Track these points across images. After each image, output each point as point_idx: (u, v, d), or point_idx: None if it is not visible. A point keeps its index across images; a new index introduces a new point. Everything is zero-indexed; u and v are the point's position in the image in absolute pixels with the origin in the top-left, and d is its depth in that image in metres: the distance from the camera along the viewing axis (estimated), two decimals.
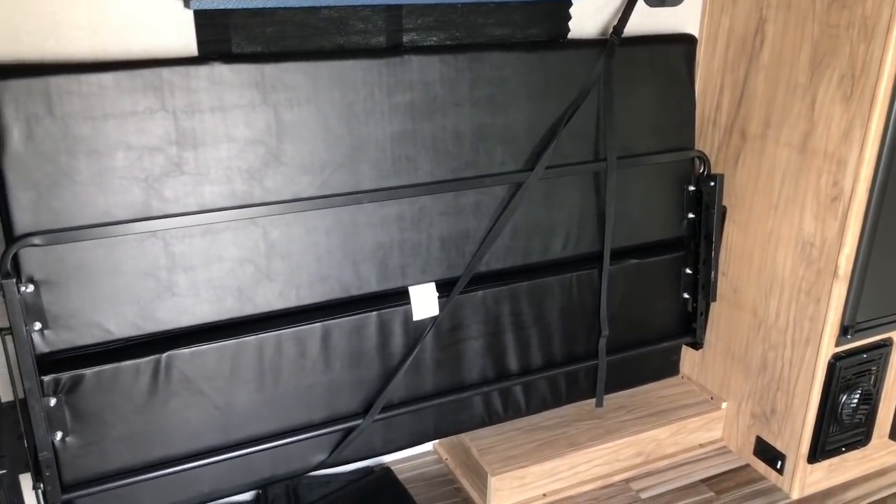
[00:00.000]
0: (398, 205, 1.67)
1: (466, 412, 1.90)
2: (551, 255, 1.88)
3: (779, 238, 1.91)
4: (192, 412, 1.56)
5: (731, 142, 2.01)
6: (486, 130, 1.72)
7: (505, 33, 1.78)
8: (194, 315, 1.53)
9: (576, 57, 1.79)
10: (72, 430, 1.47)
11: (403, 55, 1.61)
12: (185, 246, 1.49)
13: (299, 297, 1.62)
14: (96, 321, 1.45)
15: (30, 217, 1.36)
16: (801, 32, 1.77)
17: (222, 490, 1.67)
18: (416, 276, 1.73)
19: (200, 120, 1.46)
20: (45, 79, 1.33)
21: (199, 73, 1.44)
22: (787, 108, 1.83)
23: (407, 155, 1.66)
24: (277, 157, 1.53)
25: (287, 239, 1.58)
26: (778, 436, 2.01)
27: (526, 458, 1.95)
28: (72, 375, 1.44)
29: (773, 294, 1.95)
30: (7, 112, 1.31)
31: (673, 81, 1.94)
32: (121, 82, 1.38)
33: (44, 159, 1.35)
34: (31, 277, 1.38)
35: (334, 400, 1.71)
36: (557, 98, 1.78)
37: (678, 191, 2.01)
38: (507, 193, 1.77)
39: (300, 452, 1.72)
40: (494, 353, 1.87)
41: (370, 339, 1.71)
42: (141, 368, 1.49)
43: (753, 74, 1.91)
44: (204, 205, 1.49)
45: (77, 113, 1.36)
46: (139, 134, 1.41)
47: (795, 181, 1.84)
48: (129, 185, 1.42)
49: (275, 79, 1.50)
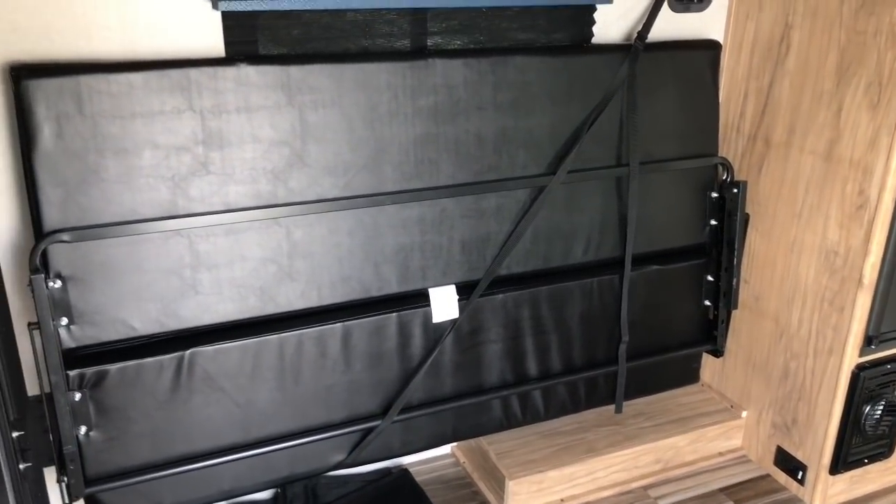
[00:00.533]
0: (420, 207, 1.68)
1: (485, 415, 1.90)
2: (572, 260, 1.88)
3: (802, 246, 1.90)
4: (213, 409, 1.58)
5: (754, 149, 2.00)
6: (508, 134, 1.72)
7: (529, 38, 1.78)
8: (217, 313, 1.55)
9: (599, 62, 1.79)
10: (96, 425, 1.49)
11: (427, 58, 1.62)
12: (209, 245, 1.51)
13: (321, 297, 1.63)
14: (121, 317, 1.47)
15: (58, 214, 1.38)
16: (827, 39, 1.76)
17: (242, 488, 1.69)
18: (437, 278, 1.74)
19: (227, 120, 1.47)
20: (76, 78, 1.35)
21: (226, 73, 1.46)
22: (813, 115, 1.82)
23: (429, 157, 1.66)
24: (302, 158, 1.55)
25: (310, 239, 1.59)
26: (799, 446, 1.99)
27: (544, 462, 1.95)
28: (96, 371, 1.46)
29: (795, 303, 1.93)
30: (39, 110, 1.33)
31: (697, 87, 1.93)
32: (149, 82, 1.40)
33: (73, 157, 1.37)
34: (59, 273, 1.40)
35: (354, 400, 1.71)
36: (581, 102, 1.78)
37: (701, 197, 2.00)
38: (528, 197, 1.77)
39: (319, 452, 1.73)
40: (514, 356, 1.87)
41: (390, 341, 1.71)
42: (164, 365, 1.51)
43: (778, 81, 1.90)
44: (229, 204, 1.51)
45: (106, 112, 1.38)
46: (166, 133, 1.43)
47: (820, 189, 1.83)
48: (156, 184, 1.44)
49: (300, 80, 1.52)
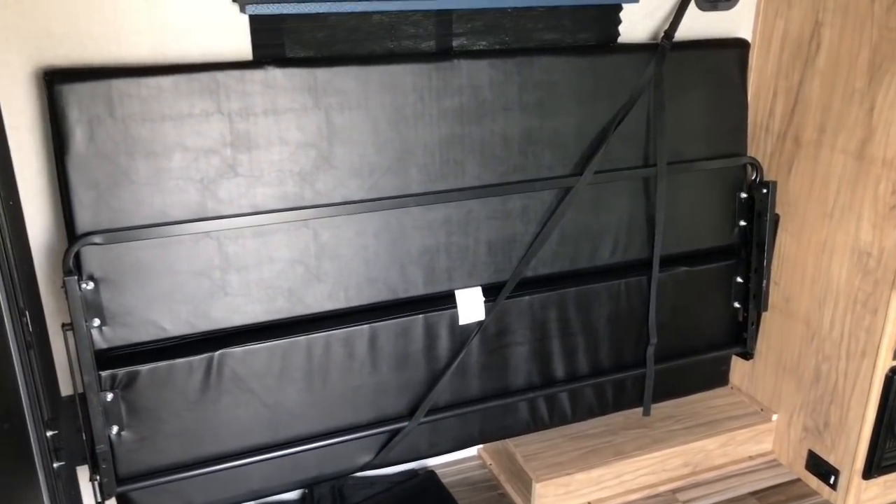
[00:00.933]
0: (446, 208, 1.68)
1: (512, 418, 1.90)
2: (599, 262, 1.87)
3: (833, 247, 1.87)
4: (242, 410, 1.59)
5: (784, 148, 1.97)
6: (534, 135, 1.72)
7: (554, 38, 1.78)
8: (246, 314, 1.56)
9: (626, 61, 1.78)
10: (127, 425, 1.51)
11: (453, 59, 1.63)
12: (238, 246, 1.52)
13: (348, 299, 1.64)
14: (152, 319, 1.48)
15: (91, 216, 1.40)
16: (858, 36, 1.73)
17: (270, 488, 1.70)
18: (463, 279, 1.74)
19: (254, 123, 1.49)
20: (108, 82, 1.37)
21: (253, 76, 1.47)
22: (844, 113, 1.79)
23: (455, 159, 1.66)
24: (328, 160, 1.56)
25: (336, 241, 1.60)
26: (831, 450, 1.96)
27: (571, 465, 1.94)
28: (128, 371, 1.48)
29: (827, 304, 1.90)
30: (71, 114, 1.36)
31: (725, 86, 1.91)
32: (178, 85, 1.42)
33: (104, 160, 1.39)
34: (91, 275, 1.42)
35: (381, 401, 1.72)
36: (607, 102, 1.77)
37: (729, 198, 1.98)
38: (555, 198, 1.77)
39: (346, 453, 1.73)
40: (540, 358, 1.86)
41: (416, 342, 1.72)
42: (194, 366, 1.53)
43: (808, 79, 1.87)
44: (257, 206, 1.52)
45: (136, 115, 1.40)
46: (195, 136, 1.45)
47: (852, 189, 1.80)
48: (185, 186, 1.46)
49: (326, 83, 1.53)
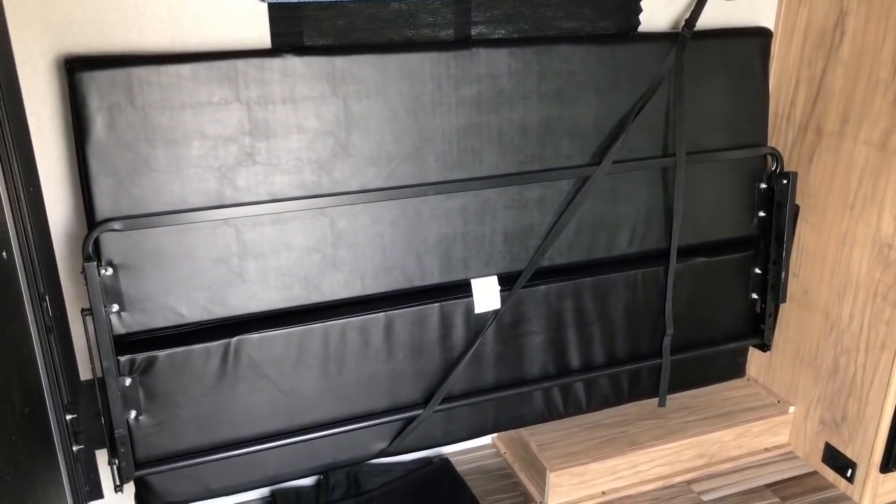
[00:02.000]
0: (463, 197, 1.68)
1: (526, 407, 1.90)
2: (616, 252, 1.86)
3: (854, 239, 1.85)
4: (258, 396, 1.60)
5: (805, 139, 1.95)
6: (552, 124, 1.71)
7: (574, 26, 1.76)
8: (263, 301, 1.57)
9: (646, 50, 1.77)
10: (145, 410, 1.52)
11: (471, 48, 1.62)
12: (255, 234, 1.53)
13: (364, 287, 1.64)
14: (170, 305, 1.50)
15: (110, 203, 1.41)
16: (884, 25, 1.71)
17: (286, 474, 1.71)
18: (479, 268, 1.74)
19: (273, 111, 1.49)
20: (128, 70, 1.38)
21: (272, 65, 1.47)
22: (868, 104, 1.77)
23: (473, 148, 1.66)
24: (346, 148, 1.56)
25: (353, 229, 1.60)
26: (849, 443, 1.95)
27: (586, 455, 1.94)
28: (146, 356, 1.49)
29: (846, 297, 1.89)
30: (92, 102, 1.36)
31: (746, 76, 1.89)
32: (198, 73, 1.42)
33: (124, 147, 1.40)
34: (111, 261, 1.43)
35: (396, 389, 1.73)
36: (626, 92, 1.76)
37: (749, 188, 1.97)
38: (572, 188, 1.76)
39: (362, 440, 1.74)
40: (556, 348, 1.86)
41: (432, 331, 1.72)
42: (211, 352, 1.54)
43: (832, 69, 1.85)
44: (274, 194, 1.52)
45: (156, 103, 1.41)
46: (214, 124, 1.45)
47: (874, 180, 1.78)
48: (204, 174, 1.46)
49: (345, 71, 1.53)
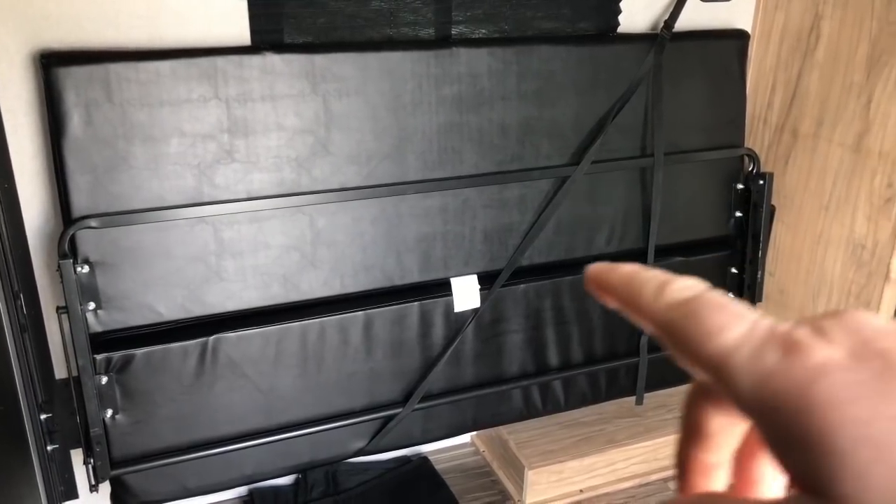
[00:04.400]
0: (442, 196, 1.68)
1: (505, 405, 1.91)
2: (595, 251, 1.87)
3: (829, 239, 1.88)
4: (236, 395, 1.60)
5: (781, 140, 1.98)
6: (532, 124, 1.72)
7: (554, 27, 1.77)
8: (241, 300, 1.56)
9: (625, 51, 1.78)
10: (121, 409, 1.51)
11: (452, 47, 1.62)
12: (233, 232, 1.52)
13: (343, 286, 1.64)
14: (147, 303, 1.49)
15: (87, 200, 1.40)
16: (858, 30, 1.73)
17: (264, 473, 1.71)
18: (459, 267, 1.74)
19: (252, 109, 1.48)
20: (105, 66, 1.37)
21: (251, 62, 1.47)
22: (842, 106, 1.79)
23: (453, 147, 1.66)
24: (325, 146, 1.55)
25: (333, 228, 1.60)
26: None
27: (564, 453, 1.95)
28: (123, 355, 1.48)
29: (821, 296, 1.91)
30: (68, 98, 1.35)
31: (724, 78, 1.91)
32: (177, 70, 1.41)
33: (101, 144, 1.39)
34: (87, 258, 1.42)
35: (375, 388, 1.73)
36: (605, 92, 1.77)
37: (726, 189, 1.99)
38: (552, 187, 1.77)
39: (340, 439, 1.74)
40: (535, 347, 1.87)
41: (411, 329, 1.72)
42: (189, 350, 1.53)
43: (807, 72, 1.87)
44: (253, 192, 1.52)
45: (134, 99, 1.40)
46: (193, 121, 1.44)
47: (848, 182, 1.80)
48: (183, 171, 1.46)
49: (325, 69, 1.52)
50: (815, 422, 0.22)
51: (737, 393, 0.24)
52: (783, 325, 0.24)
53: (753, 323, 0.25)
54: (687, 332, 0.26)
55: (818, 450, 0.21)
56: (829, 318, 0.24)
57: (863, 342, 0.23)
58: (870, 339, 0.23)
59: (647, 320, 0.28)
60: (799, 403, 0.22)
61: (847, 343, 0.23)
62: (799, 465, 0.22)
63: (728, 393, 0.25)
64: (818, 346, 0.23)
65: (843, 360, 0.22)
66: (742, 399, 0.24)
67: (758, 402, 0.23)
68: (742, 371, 0.24)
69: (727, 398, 0.25)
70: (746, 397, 0.24)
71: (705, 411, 0.29)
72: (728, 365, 0.24)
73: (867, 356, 0.22)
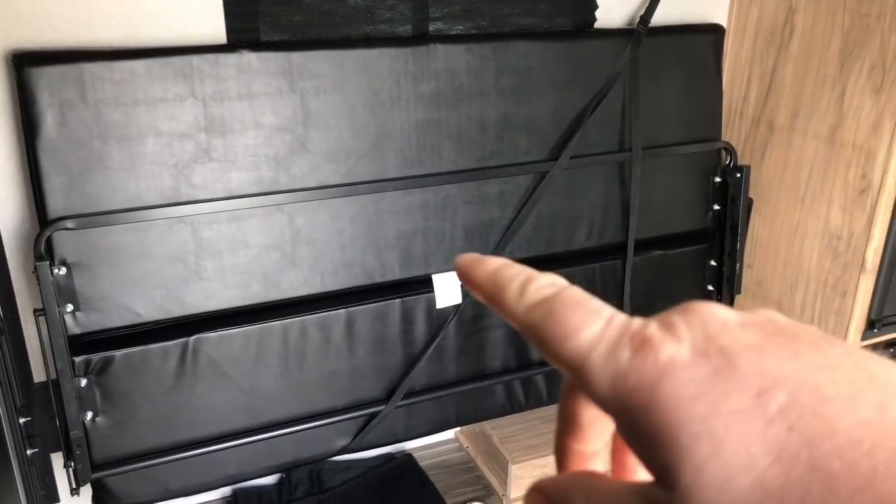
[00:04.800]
0: (422, 193, 1.68)
1: (488, 400, 1.91)
2: (575, 246, 1.88)
3: (805, 231, 1.90)
4: (218, 395, 1.59)
5: (758, 133, 1.99)
6: (511, 120, 1.72)
7: (531, 23, 1.78)
8: (221, 300, 1.55)
9: (602, 46, 1.79)
10: (102, 411, 1.50)
11: (429, 44, 1.62)
12: (212, 231, 1.51)
13: (324, 284, 1.64)
14: (126, 304, 1.47)
15: (63, 201, 1.39)
16: (831, 23, 1.75)
17: (247, 473, 1.70)
18: (440, 264, 1.74)
19: (229, 107, 1.48)
20: (79, 65, 1.35)
21: (227, 60, 1.46)
22: (816, 99, 1.81)
23: (432, 143, 1.66)
24: (304, 144, 1.55)
25: (312, 226, 1.60)
26: None
27: (547, 447, 1.96)
28: (102, 357, 1.47)
29: (798, 287, 1.93)
30: (42, 98, 1.34)
31: (700, 72, 1.93)
32: (152, 69, 1.40)
33: (77, 145, 1.38)
34: (64, 260, 1.41)
35: (357, 386, 1.73)
36: (583, 88, 1.78)
37: (704, 182, 2.00)
38: (531, 183, 1.78)
39: (323, 437, 1.74)
40: (517, 342, 1.88)
41: (393, 326, 1.72)
42: (169, 351, 1.52)
43: (782, 65, 1.89)
44: (231, 191, 1.51)
45: (109, 99, 1.38)
46: (169, 120, 1.43)
47: (823, 173, 1.82)
48: (159, 171, 1.45)
49: (302, 67, 1.52)
50: (661, 419, 0.22)
51: (595, 392, 0.25)
52: (636, 321, 0.25)
53: (608, 320, 0.25)
54: (546, 332, 0.27)
55: (664, 445, 0.22)
56: (679, 312, 0.25)
57: (706, 337, 0.23)
58: (713, 334, 0.23)
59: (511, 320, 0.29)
60: (648, 401, 0.23)
61: (692, 338, 0.23)
62: (651, 460, 0.23)
63: (588, 392, 0.25)
64: (666, 342, 0.24)
65: (687, 358, 0.23)
66: (600, 398, 0.25)
67: (614, 401, 0.24)
68: (598, 370, 0.25)
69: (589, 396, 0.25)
70: (604, 396, 0.24)
71: (578, 403, 0.30)
72: (585, 365, 0.25)
73: (709, 352, 0.23)
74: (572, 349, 0.25)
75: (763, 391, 0.22)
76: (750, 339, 0.23)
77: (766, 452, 0.21)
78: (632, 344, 0.24)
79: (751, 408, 0.21)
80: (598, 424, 0.30)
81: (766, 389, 0.22)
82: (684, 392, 0.22)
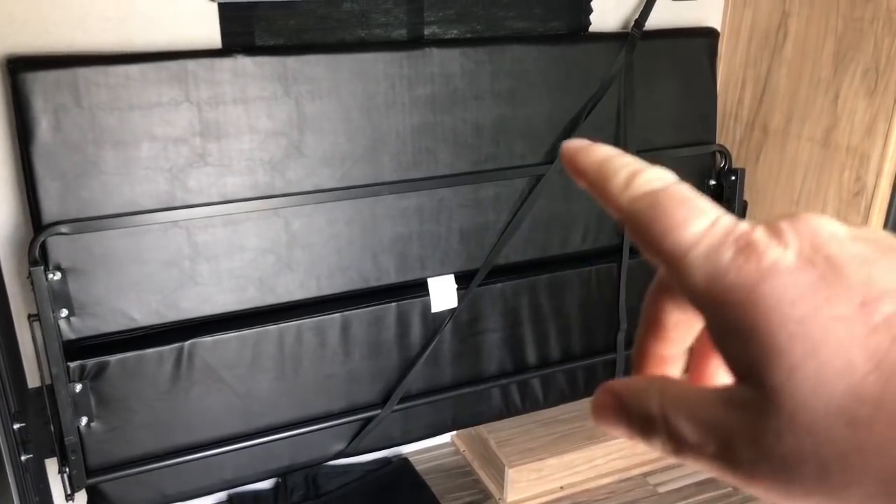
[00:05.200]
0: (418, 197, 1.68)
1: (484, 404, 1.91)
2: (570, 248, 1.88)
3: None
4: (213, 400, 1.59)
5: (752, 136, 2.00)
6: (506, 123, 1.72)
7: (526, 26, 1.78)
8: (216, 304, 1.55)
9: (597, 50, 1.79)
10: (97, 416, 1.49)
11: (424, 48, 1.62)
12: (208, 236, 1.51)
13: (319, 288, 1.64)
14: (121, 309, 1.47)
15: (57, 206, 1.39)
16: (824, 26, 1.76)
17: (243, 477, 1.70)
18: (435, 267, 1.74)
19: (224, 111, 1.47)
20: (74, 70, 1.35)
21: (223, 65, 1.46)
22: (810, 102, 1.82)
23: (427, 147, 1.67)
24: (299, 148, 1.55)
25: (308, 230, 1.59)
26: None
27: (543, 450, 1.96)
28: (97, 362, 1.46)
29: None
30: (36, 103, 1.34)
31: (694, 75, 1.93)
32: (147, 74, 1.40)
33: (71, 150, 1.38)
34: (59, 265, 1.40)
35: (353, 390, 1.72)
36: (578, 91, 1.78)
37: (699, 185, 2.00)
38: (526, 186, 1.78)
39: (319, 441, 1.74)
40: (513, 345, 1.88)
41: (389, 330, 1.72)
42: (164, 356, 1.52)
43: (776, 69, 1.90)
44: (227, 195, 1.51)
45: (104, 104, 1.38)
46: (164, 125, 1.43)
47: (818, 176, 1.83)
48: (154, 176, 1.44)
49: (297, 71, 1.52)
50: (758, 317, 0.22)
51: (690, 287, 0.25)
52: (743, 224, 0.25)
53: (714, 220, 0.25)
54: (649, 224, 0.26)
55: (757, 343, 0.22)
56: (787, 220, 0.25)
57: (814, 246, 0.23)
58: (821, 244, 0.23)
59: (613, 208, 0.29)
60: (745, 299, 0.23)
61: (799, 246, 0.23)
62: (739, 358, 0.23)
63: (682, 286, 0.25)
64: (771, 247, 0.24)
65: (792, 262, 0.23)
66: (694, 293, 0.25)
67: (708, 297, 0.24)
68: (697, 266, 0.24)
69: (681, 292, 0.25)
70: (698, 291, 0.24)
71: (664, 306, 0.30)
72: (685, 259, 0.25)
73: (815, 260, 0.23)
74: (674, 243, 0.25)
75: (868, 301, 0.22)
76: (859, 252, 0.23)
77: (867, 360, 0.21)
78: (736, 245, 0.24)
79: (854, 315, 0.21)
80: (682, 328, 0.30)
81: (872, 299, 0.22)
82: (784, 294, 0.22)
